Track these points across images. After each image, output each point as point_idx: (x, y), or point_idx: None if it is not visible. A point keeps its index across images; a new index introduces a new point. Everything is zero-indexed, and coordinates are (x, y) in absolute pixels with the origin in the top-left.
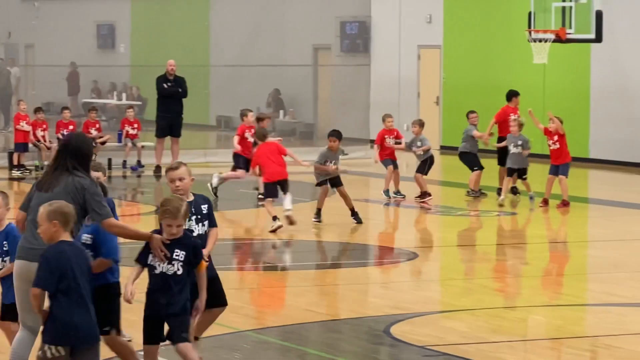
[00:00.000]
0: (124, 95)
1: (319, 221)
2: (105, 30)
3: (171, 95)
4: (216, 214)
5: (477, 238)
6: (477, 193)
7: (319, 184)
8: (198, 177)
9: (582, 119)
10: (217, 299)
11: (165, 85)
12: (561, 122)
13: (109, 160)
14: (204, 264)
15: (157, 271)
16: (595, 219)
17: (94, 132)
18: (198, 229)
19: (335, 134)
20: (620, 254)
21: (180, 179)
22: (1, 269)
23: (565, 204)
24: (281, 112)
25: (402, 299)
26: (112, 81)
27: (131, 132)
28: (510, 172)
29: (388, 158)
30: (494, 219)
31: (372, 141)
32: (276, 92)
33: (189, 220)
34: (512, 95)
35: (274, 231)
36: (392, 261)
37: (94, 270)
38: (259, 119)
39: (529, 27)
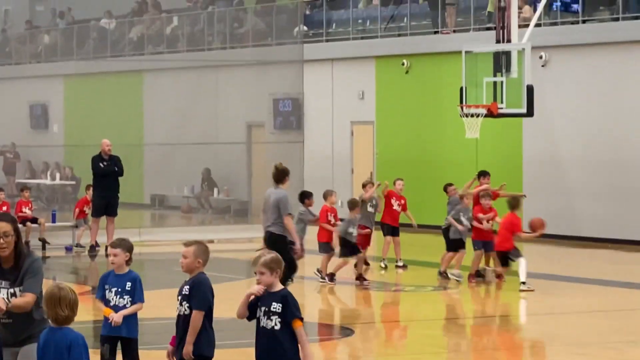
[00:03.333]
0: (57, 175)
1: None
2: (39, 110)
3: (108, 175)
4: None
5: (413, 313)
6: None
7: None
8: (133, 256)
9: (515, 192)
10: None
11: (101, 165)
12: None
13: (44, 240)
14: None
15: None
16: (529, 292)
17: (27, 212)
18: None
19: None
20: (554, 327)
21: (184, 257)
22: (125, 305)
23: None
24: (215, 189)
25: None
26: (46, 161)
27: (87, 211)
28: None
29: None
30: (430, 294)
31: None
32: (207, 171)
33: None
34: (480, 175)
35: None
36: (328, 338)
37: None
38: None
39: (461, 102)
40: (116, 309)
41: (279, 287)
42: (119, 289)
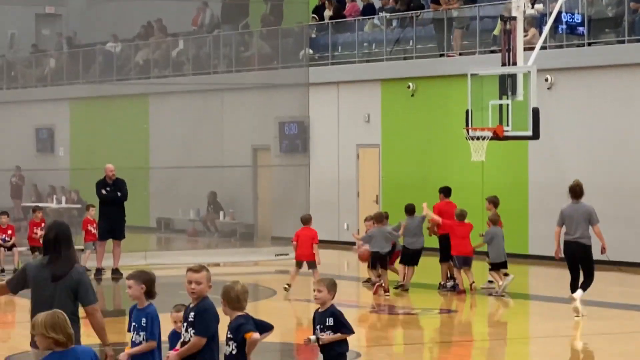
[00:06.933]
0: (63, 199)
1: None
2: (45, 134)
3: (110, 201)
4: None
5: (419, 336)
6: None
7: None
8: None
9: (521, 216)
10: None
11: (103, 191)
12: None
13: None
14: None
15: None
16: (535, 315)
17: (39, 232)
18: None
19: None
20: (561, 350)
21: (198, 283)
22: (140, 342)
23: None
24: (221, 213)
25: None
26: (52, 184)
27: (93, 231)
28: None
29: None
30: (436, 317)
31: None
32: (213, 194)
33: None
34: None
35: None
36: None
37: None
38: None
39: (467, 125)
40: (133, 345)
41: (234, 316)
42: (136, 325)
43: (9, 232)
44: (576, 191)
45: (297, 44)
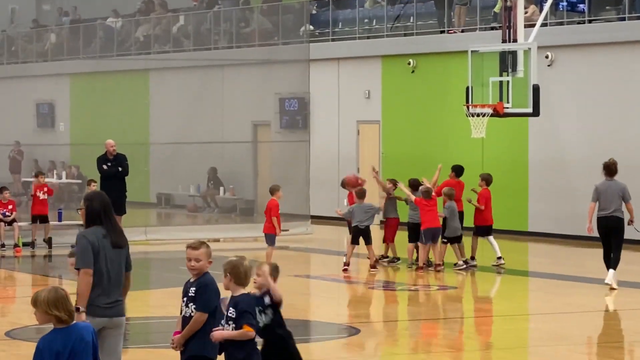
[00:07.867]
0: (63, 174)
1: None
2: (45, 109)
3: (111, 176)
4: None
5: (419, 313)
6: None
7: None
8: (139, 254)
9: (521, 193)
10: None
11: (104, 167)
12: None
13: (50, 238)
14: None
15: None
16: (535, 292)
17: (42, 196)
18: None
19: None
20: (560, 326)
21: (197, 260)
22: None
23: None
24: (221, 188)
25: None
26: (52, 160)
27: None
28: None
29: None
30: (436, 293)
31: (312, 217)
32: (213, 170)
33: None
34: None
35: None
36: (333, 337)
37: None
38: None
39: (467, 101)
40: None
41: (237, 292)
42: None
43: (10, 207)
44: (611, 169)
45: (298, 20)
